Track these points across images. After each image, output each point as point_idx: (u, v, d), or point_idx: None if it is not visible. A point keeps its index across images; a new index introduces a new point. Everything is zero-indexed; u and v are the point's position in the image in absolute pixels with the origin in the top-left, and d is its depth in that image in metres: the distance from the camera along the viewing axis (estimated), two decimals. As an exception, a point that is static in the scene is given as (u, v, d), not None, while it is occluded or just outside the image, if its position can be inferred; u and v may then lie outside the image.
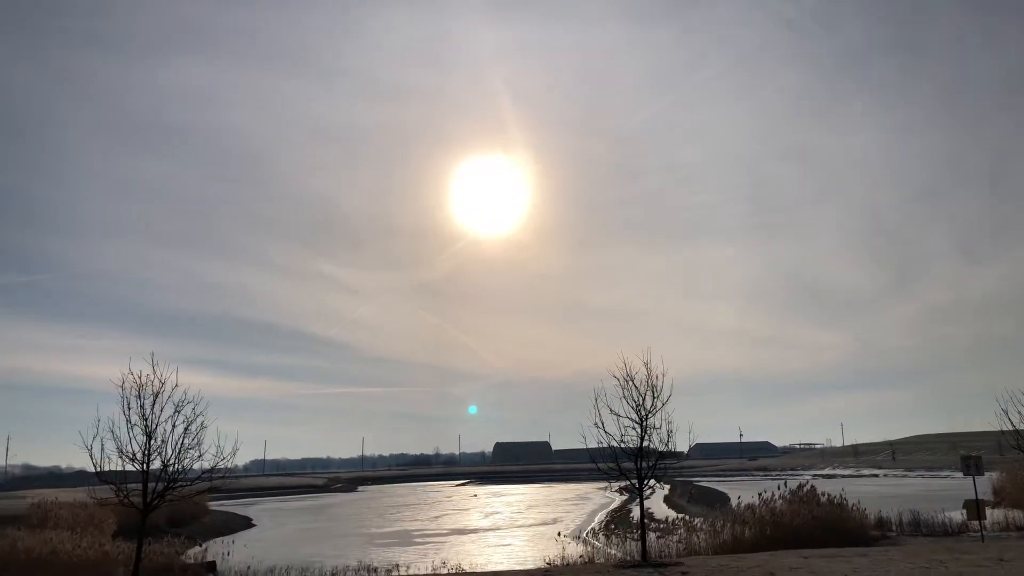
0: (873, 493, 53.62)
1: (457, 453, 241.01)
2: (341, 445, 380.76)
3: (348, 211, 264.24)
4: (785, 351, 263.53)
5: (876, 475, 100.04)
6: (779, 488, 29.47)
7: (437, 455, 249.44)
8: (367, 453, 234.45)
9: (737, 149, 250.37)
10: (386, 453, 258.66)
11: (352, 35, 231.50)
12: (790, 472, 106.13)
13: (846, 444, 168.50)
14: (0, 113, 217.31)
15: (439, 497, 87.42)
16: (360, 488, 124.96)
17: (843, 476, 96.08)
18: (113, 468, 18.73)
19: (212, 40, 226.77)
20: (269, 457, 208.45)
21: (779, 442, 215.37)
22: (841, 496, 28.47)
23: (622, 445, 20.69)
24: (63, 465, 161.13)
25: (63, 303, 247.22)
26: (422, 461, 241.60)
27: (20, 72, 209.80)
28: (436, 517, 56.46)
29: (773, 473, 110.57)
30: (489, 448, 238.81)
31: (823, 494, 28.76)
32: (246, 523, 54.48)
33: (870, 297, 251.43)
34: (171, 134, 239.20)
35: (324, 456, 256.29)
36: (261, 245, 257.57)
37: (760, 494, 29.44)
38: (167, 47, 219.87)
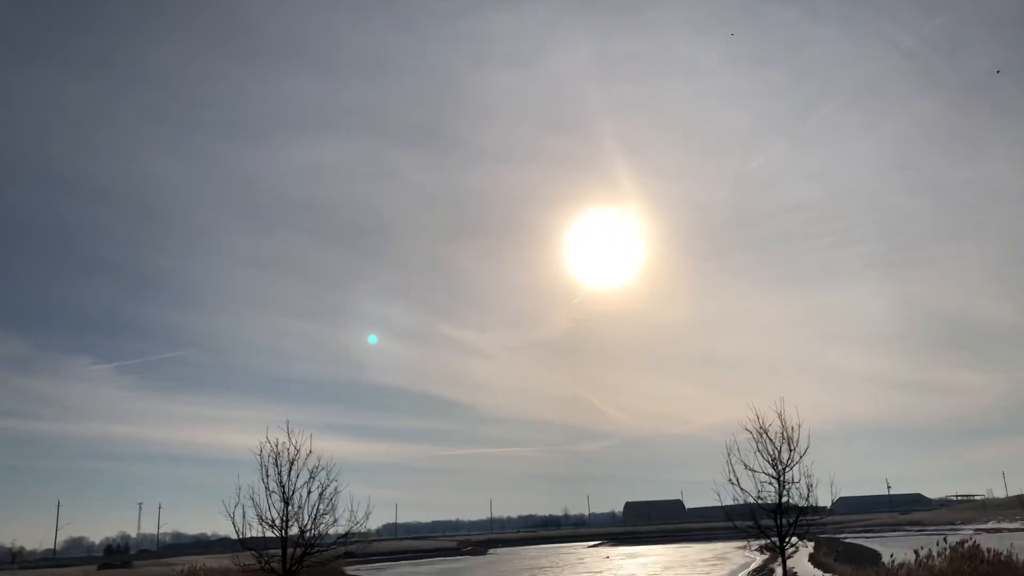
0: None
1: (586, 514, 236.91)
2: (470, 507, 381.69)
3: (467, 273, 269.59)
4: (930, 395, 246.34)
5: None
6: (937, 544, 27.30)
7: (566, 516, 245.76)
8: (495, 515, 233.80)
9: (863, 186, 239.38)
10: (514, 515, 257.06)
11: (460, 103, 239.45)
12: (948, 527, 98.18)
13: (1010, 495, 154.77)
14: (150, 199, 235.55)
15: (571, 559, 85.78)
16: (490, 551, 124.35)
17: (1010, 530, 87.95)
18: (254, 534, 19.40)
19: (336, 118, 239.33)
20: (400, 520, 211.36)
21: (932, 494, 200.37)
22: (1009, 552, 26.04)
23: (759, 501, 19.75)
24: (209, 532, 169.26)
25: (207, 375, 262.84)
26: (551, 522, 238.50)
27: (165, 160, 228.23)
28: (569, 580, 55.32)
29: (928, 528, 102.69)
30: (619, 508, 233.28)
31: (988, 551, 26.40)
32: (381, 588, 55.04)
33: (1022, 333, 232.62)
34: (302, 209, 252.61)
35: (454, 518, 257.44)
36: (384, 311, 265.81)
37: (916, 551, 27.30)
38: (295, 127, 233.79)
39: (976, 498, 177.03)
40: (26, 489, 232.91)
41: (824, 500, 20.57)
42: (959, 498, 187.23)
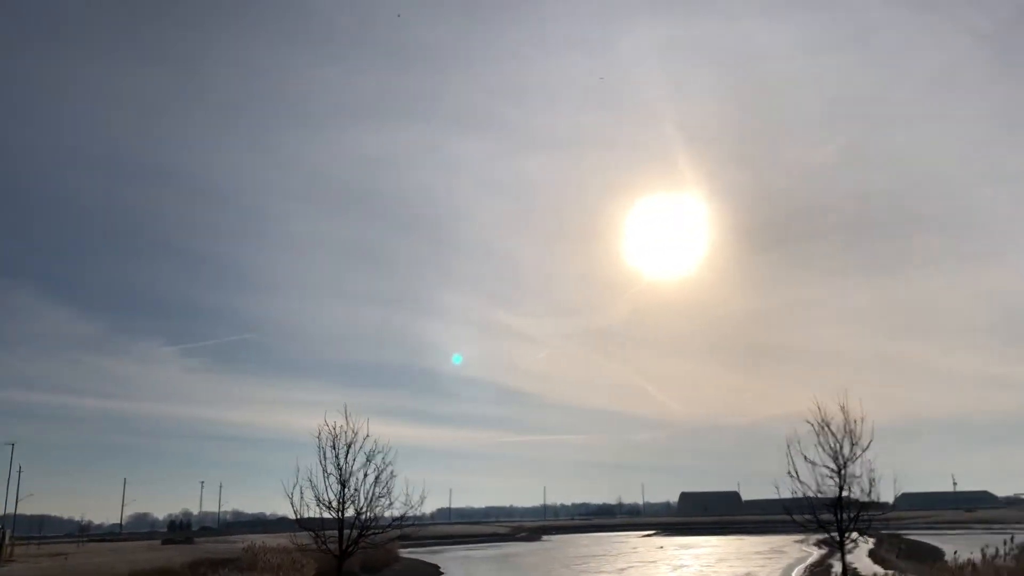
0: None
1: (640, 503, 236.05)
2: (523, 494, 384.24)
3: (526, 261, 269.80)
4: (1002, 390, 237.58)
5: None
6: (1004, 543, 26.41)
7: (620, 505, 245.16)
8: (549, 502, 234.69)
9: (937, 174, 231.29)
10: (568, 502, 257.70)
11: (526, 88, 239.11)
12: (1015, 525, 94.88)
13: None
14: (215, 185, 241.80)
15: (624, 548, 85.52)
16: (544, 537, 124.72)
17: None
18: (311, 515, 19.79)
19: (398, 107, 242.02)
20: (454, 506, 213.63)
21: (1000, 491, 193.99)
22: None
23: (819, 495, 19.35)
24: (267, 512, 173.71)
25: (271, 359, 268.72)
26: (605, 511, 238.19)
27: (230, 146, 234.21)
28: (622, 569, 55.18)
29: (995, 526, 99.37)
30: (673, 498, 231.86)
31: (1060, 551, 25.46)
32: (435, 571, 55.70)
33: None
34: (365, 197, 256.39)
35: (507, 504, 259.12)
36: (445, 297, 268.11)
37: (982, 550, 26.45)
38: (360, 115, 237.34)
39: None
40: (95, 465, 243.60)
41: (887, 496, 20.08)
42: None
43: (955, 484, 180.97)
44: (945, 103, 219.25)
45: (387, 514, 20.52)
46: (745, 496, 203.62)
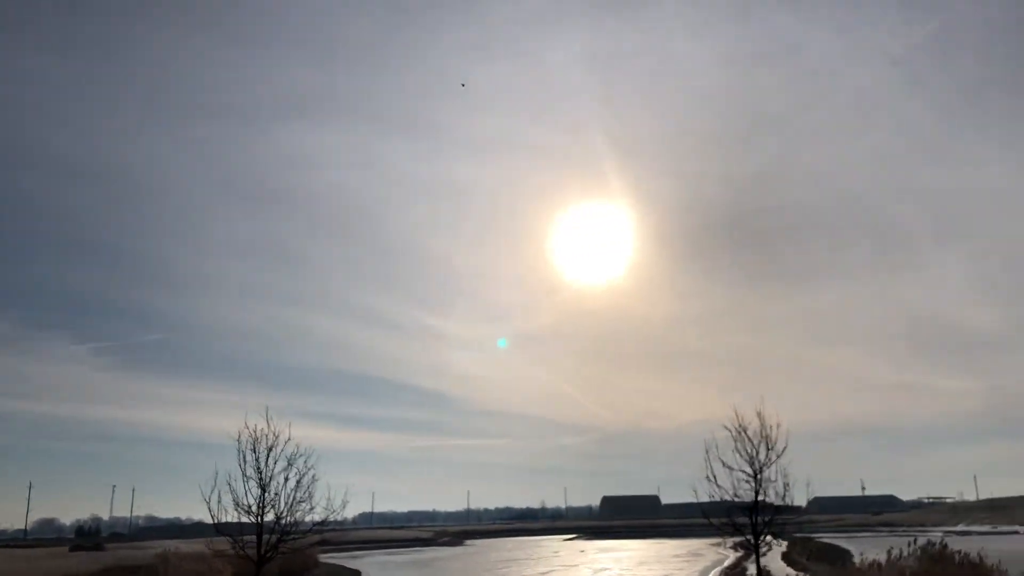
0: (1015, 552, 49.46)
1: (563, 507, 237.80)
2: (447, 498, 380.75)
3: (454, 265, 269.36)
4: (911, 398, 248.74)
5: (1017, 532, 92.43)
6: (908, 545, 27.62)
7: (543, 509, 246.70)
8: (472, 506, 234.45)
9: (854, 189, 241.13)
10: (491, 506, 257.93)
11: (453, 93, 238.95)
12: (919, 528, 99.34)
13: (981, 498, 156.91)
14: (129, 179, 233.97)
15: (546, 552, 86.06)
16: (467, 542, 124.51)
17: (979, 533, 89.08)
18: (229, 519, 19.31)
19: (327, 107, 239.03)
20: (377, 510, 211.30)
21: (905, 496, 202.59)
22: (979, 555, 26.39)
23: (736, 499, 19.89)
24: (183, 516, 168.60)
25: (186, 359, 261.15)
26: (528, 515, 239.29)
27: (147, 140, 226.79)
28: (544, 573, 55.53)
29: (899, 529, 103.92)
30: (595, 502, 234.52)
31: (957, 552, 26.75)
32: (356, 576, 54.96)
33: (1005, 340, 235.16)
34: (288, 196, 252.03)
35: (430, 509, 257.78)
36: (370, 300, 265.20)
37: (888, 551, 27.62)
38: (283, 113, 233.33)
39: (947, 501, 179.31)
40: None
41: (800, 500, 20.79)
42: (931, 500, 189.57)
43: (864, 488, 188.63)
44: (862, 122, 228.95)
45: (308, 519, 20.18)
46: (665, 500, 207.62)
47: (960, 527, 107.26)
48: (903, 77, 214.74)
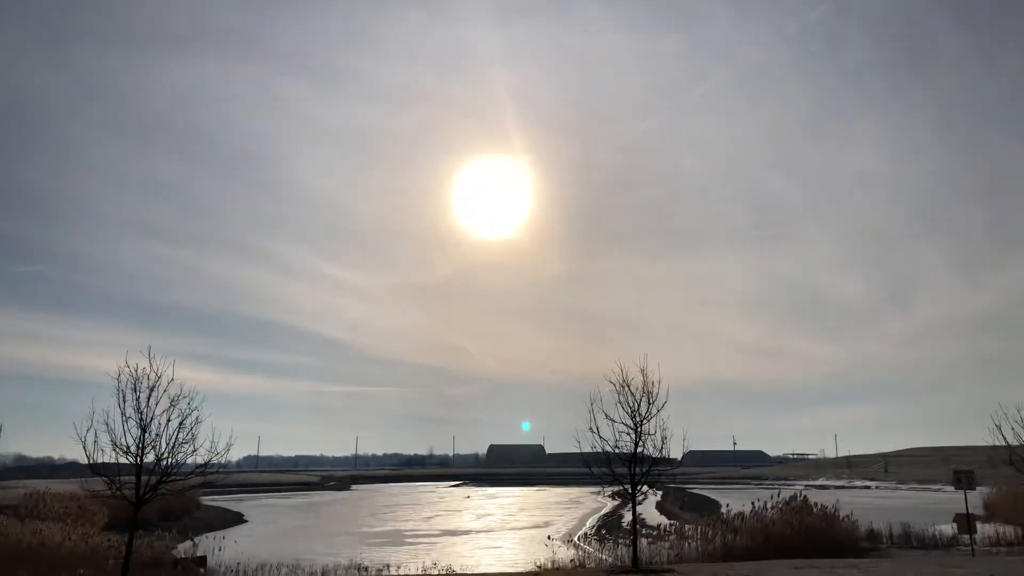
0: (865, 505, 53.67)
1: (451, 454, 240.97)
2: (335, 444, 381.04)
3: (351, 212, 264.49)
4: (781, 362, 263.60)
5: (868, 487, 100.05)
6: (772, 497, 29.50)
7: (431, 456, 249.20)
8: (361, 452, 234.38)
9: (738, 161, 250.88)
10: (379, 452, 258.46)
11: (359, 38, 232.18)
12: (783, 482, 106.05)
13: (839, 456, 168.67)
14: (13, 107, 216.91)
15: (432, 498, 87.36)
16: (353, 487, 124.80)
17: (836, 487, 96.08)
18: (106, 460, 18.68)
19: (223, 40, 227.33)
20: (263, 454, 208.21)
21: (773, 452, 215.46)
22: (833, 507, 28.51)
23: (616, 450, 20.70)
24: (55, 456, 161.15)
25: (64, 294, 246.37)
26: (416, 462, 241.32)
27: (34, 66, 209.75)
28: (429, 518, 56.44)
29: (766, 482, 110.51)
30: (483, 450, 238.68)
31: (815, 504, 28.80)
32: (238, 519, 54.44)
33: (866, 311, 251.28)
34: (179, 132, 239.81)
35: (318, 454, 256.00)
36: (263, 243, 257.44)
37: (753, 503, 29.47)
38: (179, 47, 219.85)
39: (810, 457, 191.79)
40: None
41: (676, 453, 21.82)
42: (795, 456, 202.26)
43: (735, 444, 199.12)
44: (751, 95, 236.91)
45: (190, 461, 19.74)
46: (549, 450, 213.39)
47: (820, 481, 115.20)
48: (793, 56, 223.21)
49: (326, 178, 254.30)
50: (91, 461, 18.33)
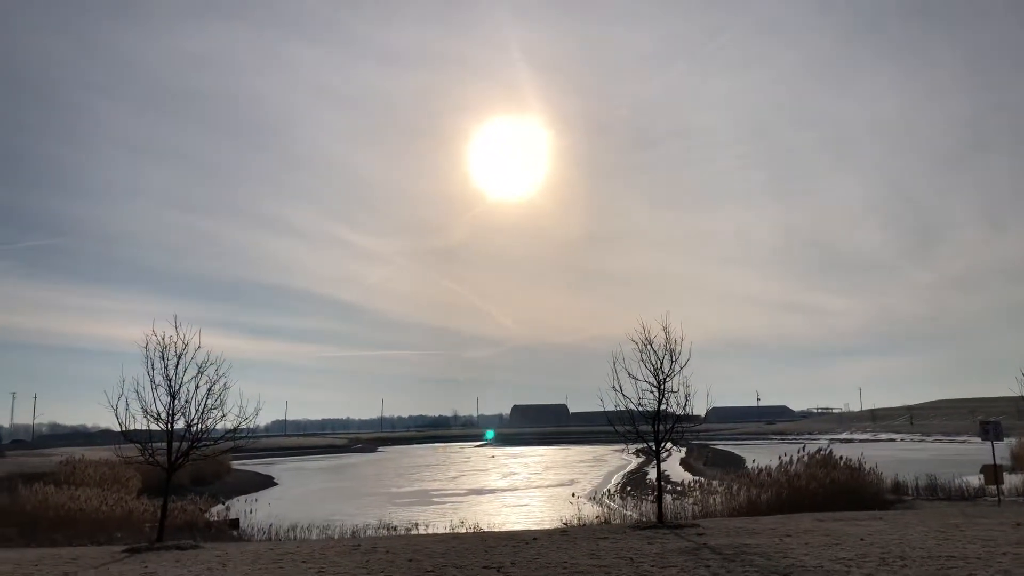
0: (890, 458, 53.62)
1: (475, 415, 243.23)
2: (361, 407, 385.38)
3: (367, 176, 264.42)
4: (804, 316, 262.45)
5: (894, 440, 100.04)
6: (797, 452, 29.52)
7: (456, 417, 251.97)
8: (386, 415, 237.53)
9: (755, 116, 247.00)
10: (405, 415, 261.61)
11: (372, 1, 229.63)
12: (808, 436, 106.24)
13: (864, 409, 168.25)
14: (29, 78, 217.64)
15: (458, 458, 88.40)
16: (380, 449, 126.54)
17: (861, 441, 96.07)
18: (138, 427, 19.02)
19: (236, 6, 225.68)
20: (290, 418, 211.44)
21: (797, 407, 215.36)
22: (859, 460, 28.48)
23: (640, 408, 20.73)
24: (89, 424, 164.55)
25: (89, 265, 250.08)
26: (441, 423, 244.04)
27: (48, 38, 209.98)
28: (455, 477, 57.17)
29: (790, 437, 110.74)
30: (507, 411, 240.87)
31: (840, 458, 28.79)
32: (268, 482, 55.46)
33: (890, 263, 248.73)
34: (195, 100, 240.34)
35: (344, 417, 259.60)
36: (282, 210, 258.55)
37: (779, 458, 29.52)
38: (191, 13, 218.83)
39: (834, 411, 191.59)
40: None
41: (699, 409, 21.77)
42: (819, 411, 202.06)
43: (759, 400, 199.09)
44: (768, 48, 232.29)
45: (219, 426, 20.03)
46: (572, 409, 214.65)
47: (845, 435, 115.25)
48: (811, 6, 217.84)
49: (341, 143, 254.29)
50: (123, 428, 18.68)
